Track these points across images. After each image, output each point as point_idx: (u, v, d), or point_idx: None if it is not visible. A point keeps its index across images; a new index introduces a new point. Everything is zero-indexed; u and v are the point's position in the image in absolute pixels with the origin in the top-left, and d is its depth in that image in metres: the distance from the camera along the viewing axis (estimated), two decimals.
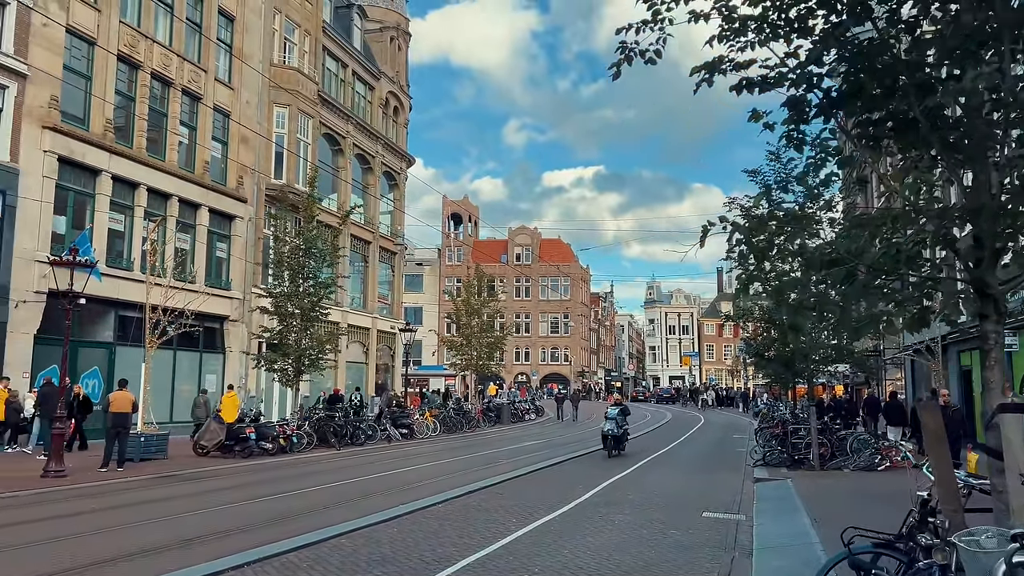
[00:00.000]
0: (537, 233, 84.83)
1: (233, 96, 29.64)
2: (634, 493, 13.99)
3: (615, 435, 20.77)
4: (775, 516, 12.01)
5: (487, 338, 37.87)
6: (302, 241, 23.22)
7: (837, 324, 4.33)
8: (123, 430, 16.26)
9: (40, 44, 21.51)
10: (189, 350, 27.46)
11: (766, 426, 25.06)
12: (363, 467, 17.93)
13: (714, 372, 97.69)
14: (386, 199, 42.64)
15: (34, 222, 21.11)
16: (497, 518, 10.99)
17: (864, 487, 15.15)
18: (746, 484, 16.01)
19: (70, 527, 10.10)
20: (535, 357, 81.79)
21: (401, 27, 43.61)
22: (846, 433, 19.83)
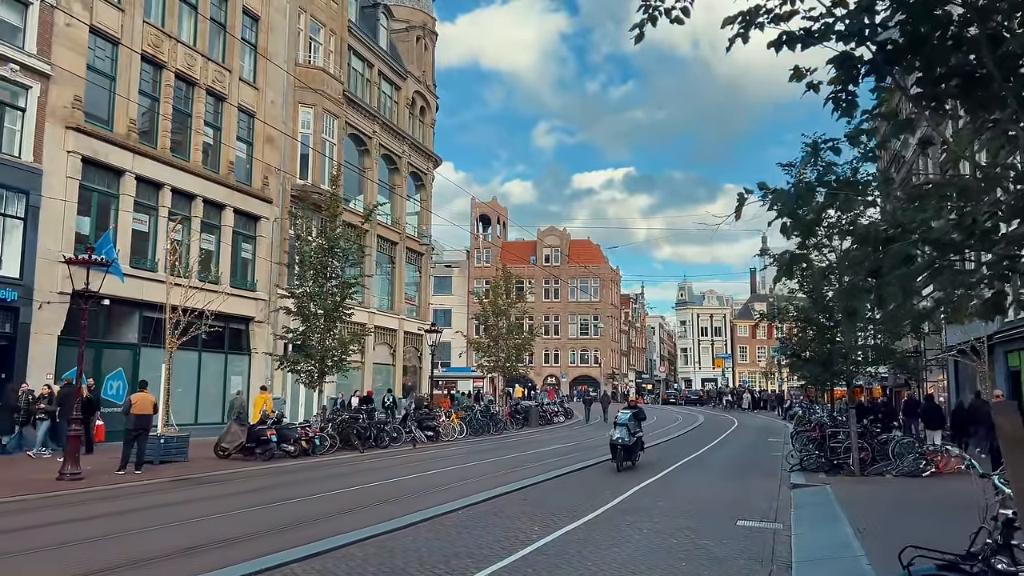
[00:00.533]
0: (566, 234, 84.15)
1: (258, 96, 29.48)
2: (663, 499, 13.36)
3: (625, 444, 17.75)
4: (814, 525, 11.31)
5: (514, 339, 37.31)
6: (325, 240, 22.87)
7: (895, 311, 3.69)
8: (143, 432, 15.99)
9: (63, 44, 21.43)
10: (214, 351, 27.31)
11: (803, 429, 24.19)
12: (384, 471, 17.48)
13: (747, 374, 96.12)
14: (413, 200, 42.33)
15: (57, 223, 21.00)
16: (518, 526, 10.44)
17: (909, 495, 14.37)
18: (782, 490, 15.29)
19: (77, 532, 9.76)
20: (564, 359, 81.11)
21: (427, 26, 43.30)
22: (888, 437, 18.95)
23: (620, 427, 17.88)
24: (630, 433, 17.88)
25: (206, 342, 26.73)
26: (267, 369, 27.63)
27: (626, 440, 17.69)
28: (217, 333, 25.65)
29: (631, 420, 18.25)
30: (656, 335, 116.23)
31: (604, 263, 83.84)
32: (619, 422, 18.11)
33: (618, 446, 17.72)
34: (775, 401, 59.13)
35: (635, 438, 18.26)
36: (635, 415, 18.67)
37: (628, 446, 17.80)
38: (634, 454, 18.42)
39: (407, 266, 40.54)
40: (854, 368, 18.25)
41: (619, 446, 17.71)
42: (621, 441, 17.66)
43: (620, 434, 17.71)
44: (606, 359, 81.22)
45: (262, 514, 11.33)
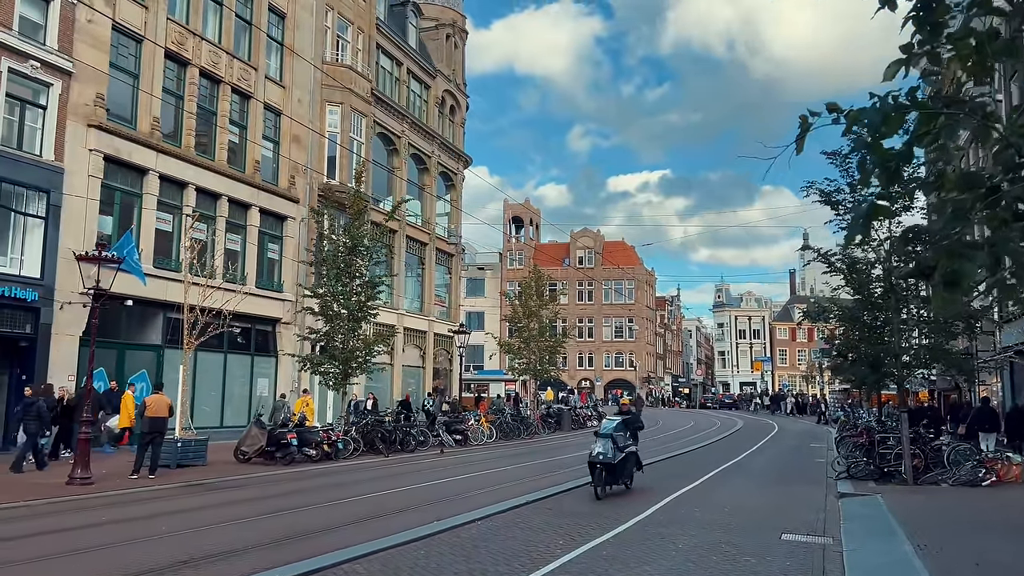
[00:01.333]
0: (600, 236, 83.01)
1: (284, 94, 29.08)
2: (701, 510, 12.41)
3: (608, 463, 13.29)
4: (868, 540, 10.31)
5: (546, 341, 36.44)
6: (349, 239, 22.26)
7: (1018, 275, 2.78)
8: (158, 435, 15.46)
9: (85, 41, 21.15)
10: (240, 353, 26.92)
11: (848, 434, 23.01)
12: (407, 476, 16.76)
13: (787, 378, 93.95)
14: (443, 200, 41.73)
15: (79, 222, 20.68)
16: (541, 539, 9.61)
17: (970, 506, 13.25)
18: (829, 500, 14.24)
19: (70, 541, 9.16)
20: (599, 362, 79.94)
21: (457, 24, 42.69)
22: (942, 443, 17.75)
23: (603, 439, 13.68)
24: (616, 447, 13.58)
25: (232, 344, 26.40)
26: (294, 371, 27.15)
27: (609, 456, 13.35)
28: (236, 333, 25.27)
29: (620, 430, 14.05)
30: (693, 338, 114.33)
31: (639, 265, 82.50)
32: (602, 432, 14.02)
33: (598, 465, 13.31)
34: (815, 405, 56.74)
35: (624, 454, 13.81)
36: (626, 423, 14.50)
37: (612, 465, 13.40)
38: (623, 475, 14.10)
39: (437, 267, 39.93)
40: (905, 370, 17.09)
41: (599, 465, 13.30)
42: (603, 458, 13.30)
43: (602, 448, 13.47)
44: (641, 362, 79.87)
45: (269, 523, 10.65)
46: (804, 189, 17.60)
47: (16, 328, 19.57)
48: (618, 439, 13.72)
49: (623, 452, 13.75)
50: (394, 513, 11.52)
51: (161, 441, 15.57)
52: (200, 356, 24.83)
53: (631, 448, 14.32)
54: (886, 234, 17.06)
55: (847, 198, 17.34)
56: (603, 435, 13.82)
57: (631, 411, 16.18)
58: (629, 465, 14.26)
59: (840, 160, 17.53)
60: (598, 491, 13.26)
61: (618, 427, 14.08)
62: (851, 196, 17.41)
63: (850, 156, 17.25)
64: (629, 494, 14.08)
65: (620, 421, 14.45)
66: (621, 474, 13.92)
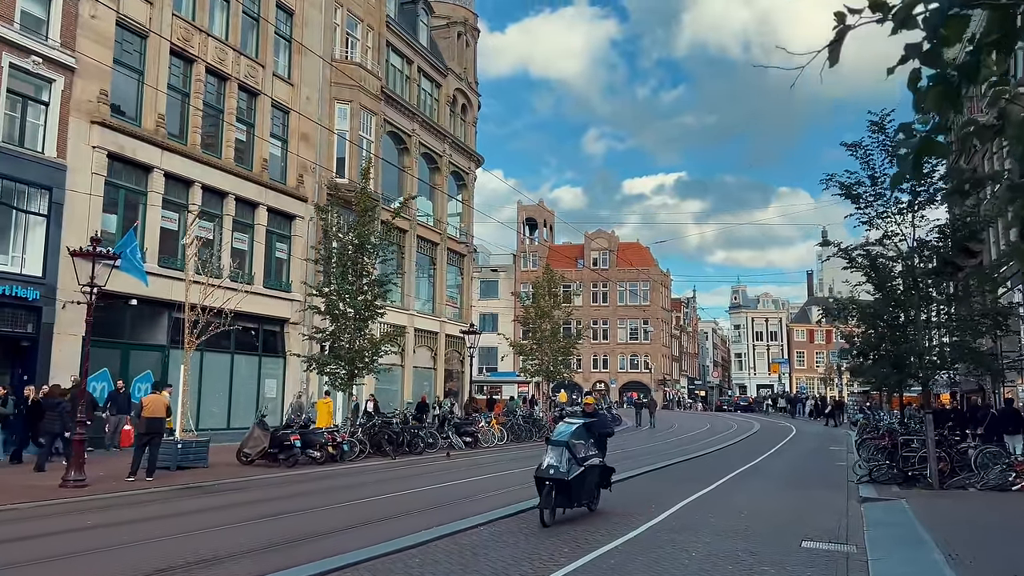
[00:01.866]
0: (615, 237, 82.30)
1: (292, 92, 28.71)
2: (716, 515, 11.82)
3: (560, 479, 10.33)
4: (895, 548, 9.70)
5: (559, 342, 35.89)
6: (355, 236, 21.81)
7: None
8: (156, 436, 15.04)
9: (88, 37, 20.84)
10: (248, 354, 26.56)
11: (869, 437, 22.29)
12: (412, 479, 16.26)
13: (805, 380, 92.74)
14: (455, 199, 41.27)
15: (82, 220, 20.32)
16: (545, 546, 9.07)
17: (1001, 512, 12.61)
18: (851, 505, 13.61)
19: (52, 547, 8.72)
20: (614, 364, 79.19)
21: (468, 22, 42.25)
22: (968, 445, 17.04)
23: (555, 448, 10.65)
24: (574, 459, 10.56)
25: (239, 344, 26.05)
26: (302, 372, 26.76)
27: (562, 471, 10.32)
28: (240, 332, 24.91)
29: (580, 437, 11.05)
30: (709, 340, 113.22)
31: (654, 266, 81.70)
32: (555, 439, 10.98)
33: (547, 481, 10.31)
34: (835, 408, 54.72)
35: (584, 468, 10.73)
36: (589, 427, 11.49)
37: (566, 482, 10.34)
38: (582, 494, 11.03)
39: (449, 268, 39.46)
40: (930, 370, 16.40)
41: (548, 481, 10.30)
42: (553, 472, 10.32)
43: (553, 460, 10.46)
44: (657, 364, 79.04)
45: (261, 528, 10.18)
46: (823, 182, 16.96)
47: (17, 328, 19.26)
48: (577, 448, 10.71)
49: (582, 466, 10.68)
50: (393, 518, 11.02)
51: (159, 442, 15.16)
52: (207, 357, 24.53)
53: (594, 460, 11.19)
54: (909, 228, 16.41)
55: (868, 191, 16.69)
56: (555, 443, 10.77)
57: (597, 412, 12.94)
58: (590, 482, 11.19)
59: (860, 152, 16.90)
60: (545, 516, 10.24)
61: (578, 432, 11.04)
62: (872, 189, 16.77)
63: (869, 147, 16.65)
64: (638, 497, 13.47)
65: (581, 425, 11.30)
66: (579, 494, 10.83)
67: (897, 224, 16.45)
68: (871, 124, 16.63)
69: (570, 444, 10.67)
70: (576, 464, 10.58)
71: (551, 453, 10.61)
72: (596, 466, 11.39)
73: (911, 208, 16.38)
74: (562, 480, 10.36)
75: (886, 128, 16.46)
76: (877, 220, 16.73)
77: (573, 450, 10.64)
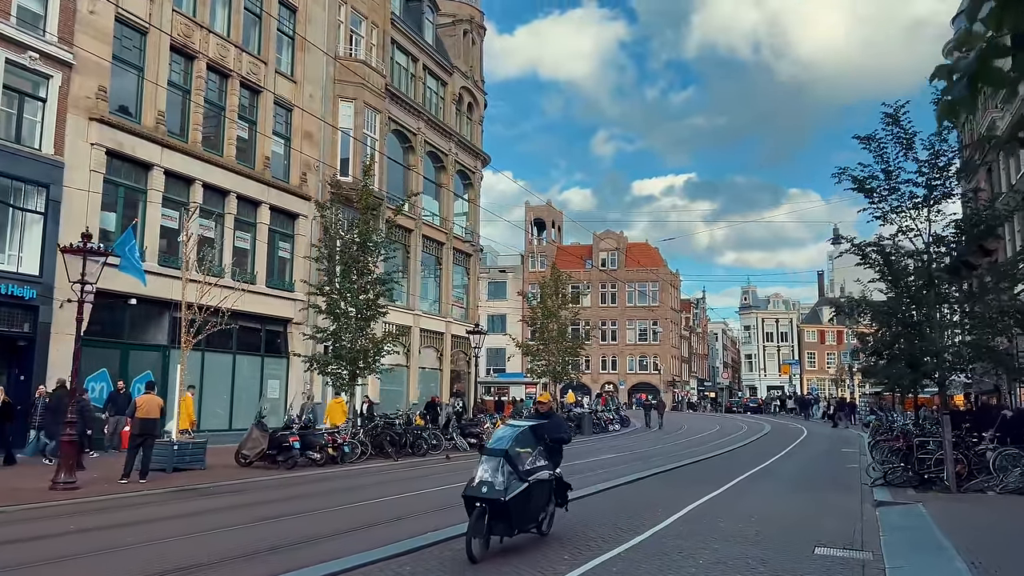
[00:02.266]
0: (623, 237, 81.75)
1: (296, 89, 28.39)
2: (725, 519, 11.36)
3: (495, 500, 8.13)
4: (913, 555, 9.23)
5: (566, 343, 35.45)
6: (357, 234, 21.43)
7: None
8: (149, 437, 14.71)
9: (87, 32, 20.56)
10: (250, 354, 26.25)
11: (883, 438, 21.73)
12: (412, 482, 15.85)
13: (816, 381, 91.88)
14: (461, 199, 40.88)
15: (80, 218, 19.99)
16: (544, 553, 8.64)
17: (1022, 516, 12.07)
18: (865, 508, 13.13)
19: (16, 555, 8.35)
20: (622, 366, 78.63)
21: (475, 20, 41.88)
22: (986, 447, 16.48)
23: (489, 459, 8.43)
24: (516, 472, 8.36)
25: (241, 344, 25.74)
26: (306, 373, 26.42)
27: (498, 489, 8.09)
28: (241, 332, 24.60)
29: (525, 444, 8.78)
30: (719, 341, 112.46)
31: (663, 266, 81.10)
32: (491, 447, 8.74)
33: (478, 502, 8.11)
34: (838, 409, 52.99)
35: (528, 483, 8.48)
36: (536, 431, 9.13)
37: (503, 503, 8.08)
38: (526, 517, 8.69)
39: (455, 267, 39.07)
40: (947, 368, 15.88)
41: (480, 503, 8.09)
42: (486, 491, 8.10)
43: (487, 474, 8.26)
44: (666, 365, 78.45)
45: (250, 533, 9.79)
46: (836, 176, 16.46)
47: (14, 327, 18.99)
48: (520, 459, 8.50)
49: (526, 481, 8.40)
50: (388, 522, 10.61)
51: (152, 444, 14.81)
52: (208, 357, 24.24)
53: (543, 473, 8.88)
54: (925, 223, 15.91)
55: (882, 185, 16.19)
56: (491, 452, 8.51)
57: (551, 413, 10.49)
58: (537, 501, 8.88)
59: (873, 146, 16.40)
60: (474, 547, 7.94)
61: (522, 438, 8.75)
62: (886, 183, 16.28)
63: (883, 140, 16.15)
64: (644, 501, 13.02)
65: (526, 429, 9.04)
66: (522, 517, 8.53)
67: (912, 219, 15.95)
68: (885, 116, 16.15)
69: (510, 454, 8.41)
70: (518, 479, 8.31)
71: (485, 465, 8.35)
72: (545, 481, 9.02)
73: (927, 202, 15.89)
74: (497, 501, 8.01)
75: (900, 121, 15.98)
76: (891, 215, 16.23)
77: (515, 461, 8.39)
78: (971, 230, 15.98)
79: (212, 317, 18.01)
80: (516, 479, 8.34)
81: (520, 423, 9.72)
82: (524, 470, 8.52)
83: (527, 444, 8.85)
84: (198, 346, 22.63)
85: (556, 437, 9.54)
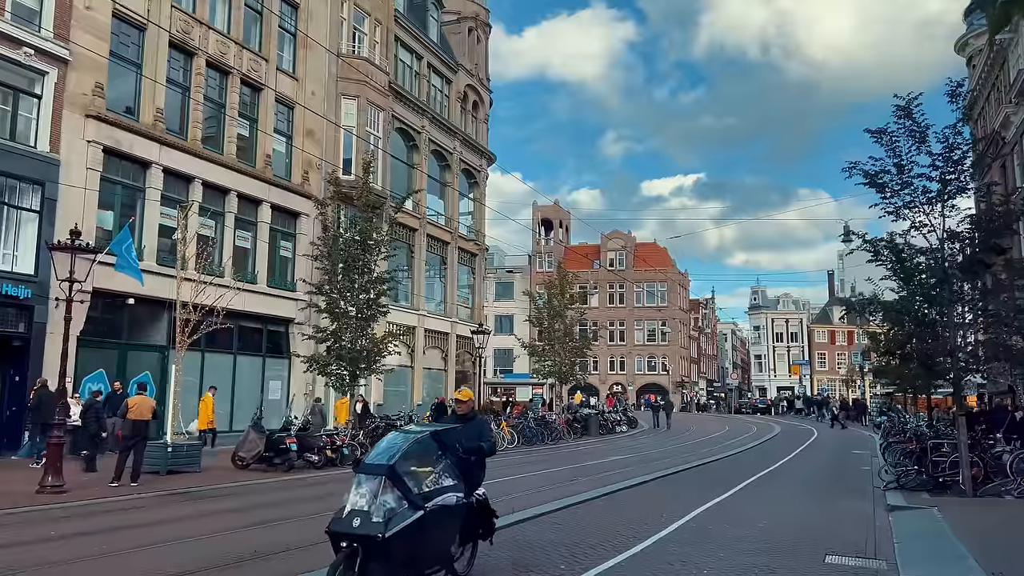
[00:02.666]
0: (632, 237, 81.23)
1: (297, 87, 28.07)
2: (731, 526, 10.92)
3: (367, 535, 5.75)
4: (930, 564, 8.78)
5: (571, 343, 34.99)
6: (357, 232, 21.06)
7: None
8: (141, 439, 14.36)
9: (83, 28, 20.28)
10: (251, 355, 25.97)
11: (895, 440, 21.23)
12: None
13: (826, 382, 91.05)
14: (467, 198, 40.49)
15: (76, 216, 19.58)
16: (540, 562, 8.22)
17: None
18: (878, 513, 12.67)
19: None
20: (631, 366, 78.09)
21: (480, 18, 41.48)
22: (1003, 450, 15.97)
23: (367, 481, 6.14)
24: (404, 498, 6.12)
25: (242, 345, 25.43)
26: (305, 374, 26.07)
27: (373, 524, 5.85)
28: (242, 333, 24.29)
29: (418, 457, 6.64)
30: (728, 342, 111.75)
31: (672, 266, 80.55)
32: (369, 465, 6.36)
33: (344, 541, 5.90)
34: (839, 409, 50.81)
35: (420, 512, 6.15)
36: (442, 439, 6.91)
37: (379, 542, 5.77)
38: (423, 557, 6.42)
39: (460, 267, 38.69)
40: (962, 370, 15.37)
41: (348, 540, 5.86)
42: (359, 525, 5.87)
43: (361, 501, 6.02)
44: (675, 366, 77.87)
45: (235, 539, 9.43)
46: (846, 170, 15.97)
47: (9, 327, 18.74)
48: (415, 478, 6.36)
49: (421, 509, 6.13)
50: None
51: (144, 446, 14.46)
52: (208, 357, 23.96)
53: (449, 496, 6.64)
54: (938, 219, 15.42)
55: (894, 179, 15.70)
56: (369, 470, 6.21)
57: (474, 416, 8.04)
58: (442, 536, 6.66)
59: (885, 139, 15.91)
60: None
61: (417, 450, 6.57)
62: (898, 178, 15.79)
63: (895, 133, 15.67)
64: (650, 504, 12.56)
65: (426, 437, 6.78)
66: (415, 558, 6.22)
67: (926, 214, 15.45)
68: (897, 109, 15.67)
69: (398, 471, 6.08)
70: (409, 507, 6.01)
71: (360, 488, 6.04)
72: (453, 507, 6.62)
73: (940, 197, 15.40)
74: (372, 539, 5.72)
75: (913, 113, 15.50)
76: (904, 210, 15.73)
77: (404, 481, 6.09)
78: (988, 225, 15.49)
79: (208, 316, 17.66)
80: (405, 506, 6.00)
81: (417, 428, 7.81)
82: (420, 493, 6.22)
83: (426, 457, 6.61)
84: (198, 346, 22.36)
85: (469, 447, 7.03)
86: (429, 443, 6.74)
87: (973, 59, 36.95)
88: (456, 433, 7.15)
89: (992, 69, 31.85)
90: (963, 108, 15.84)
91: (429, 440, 6.76)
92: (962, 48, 39.25)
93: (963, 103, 16.04)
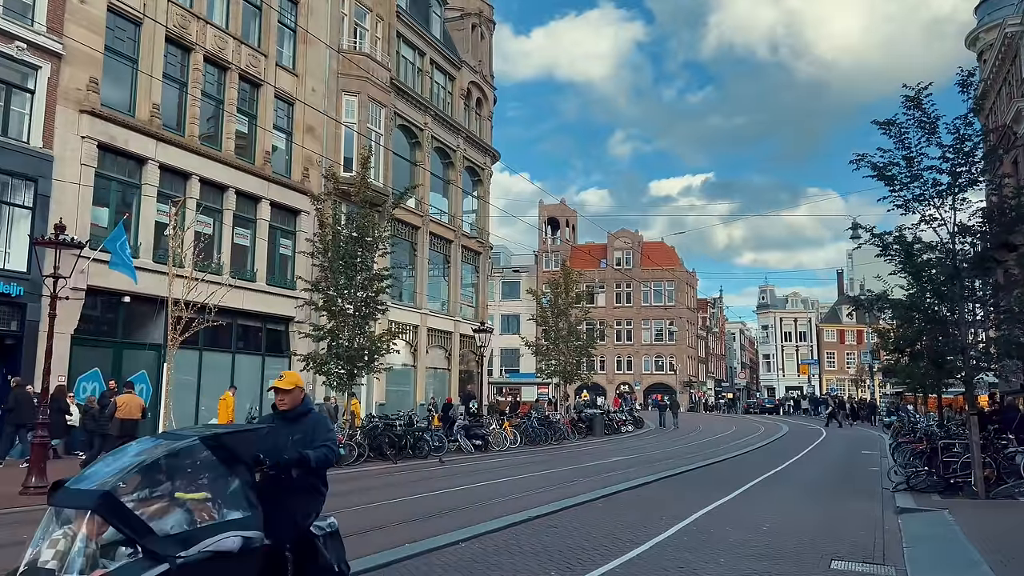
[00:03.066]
0: (639, 236, 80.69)
1: (297, 83, 27.74)
2: (733, 529, 10.50)
3: None
4: (941, 570, 8.36)
5: (576, 342, 34.58)
6: (354, 229, 20.72)
7: None
8: (129, 439, 13.98)
9: (77, 22, 19.98)
10: (250, 354, 25.64)
11: (905, 441, 20.76)
12: (407, 486, 15.07)
13: (835, 382, 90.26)
14: (471, 195, 40.13)
15: (70, 213, 19.36)
16: (532, 569, 7.83)
17: None
18: (887, 516, 12.23)
19: None
20: (638, 366, 77.58)
21: (484, 14, 41.11)
22: (1017, 450, 15.50)
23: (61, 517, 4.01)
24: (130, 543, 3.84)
25: (241, 343, 25.13)
26: (303, 372, 25.74)
27: None
28: (240, 331, 23.97)
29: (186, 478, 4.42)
30: (736, 341, 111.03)
31: (679, 265, 79.99)
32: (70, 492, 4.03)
33: None
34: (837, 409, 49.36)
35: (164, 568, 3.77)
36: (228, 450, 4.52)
37: None
38: None
39: (464, 266, 38.32)
40: (974, 368, 14.90)
41: None
42: None
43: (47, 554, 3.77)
44: (682, 366, 77.32)
45: None
46: (854, 162, 15.52)
47: (1, 325, 18.44)
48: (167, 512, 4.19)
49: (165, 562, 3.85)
50: (367, 531, 9.81)
51: None
52: (206, 356, 23.65)
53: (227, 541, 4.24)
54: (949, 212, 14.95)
55: (903, 172, 15.24)
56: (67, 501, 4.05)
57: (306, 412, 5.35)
58: None
59: (894, 131, 15.45)
60: None
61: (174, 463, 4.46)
62: (907, 170, 15.33)
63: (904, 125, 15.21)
64: (651, 506, 12.15)
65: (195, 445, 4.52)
66: None
67: (936, 207, 14.99)
68: (906, 100, 15.20)
69: (113, 502, 3.92)
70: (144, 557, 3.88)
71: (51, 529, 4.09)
72: (234, 555, 4.27)
73: (951, 190, 14.93)
74: None
75: (922, 103, 15.03)
76: (913, 204, 15.27)
77: (128, 517, 3.93)
78: (1000, 218, 15.01)
79: (200, 314, 17.34)
80: (138, 558, 3.87)
81: (185, 432, 5.15)
82: (171, 535, 4.03)
83: (192, 476, 4.50)
84: (195, 345, 22.12)
85: (288, 459, 4.86)
86: (198, 454, 4.46)
87: (984, 54, 36.37)
88: (269, 437, 4.96)
89: (1003, 63, 31.29)
90: (974, 98, 15.35)
91: (198, 449, 4.45)
92: (972, 43, 38.68)
93: (975, 92, 15.54)
